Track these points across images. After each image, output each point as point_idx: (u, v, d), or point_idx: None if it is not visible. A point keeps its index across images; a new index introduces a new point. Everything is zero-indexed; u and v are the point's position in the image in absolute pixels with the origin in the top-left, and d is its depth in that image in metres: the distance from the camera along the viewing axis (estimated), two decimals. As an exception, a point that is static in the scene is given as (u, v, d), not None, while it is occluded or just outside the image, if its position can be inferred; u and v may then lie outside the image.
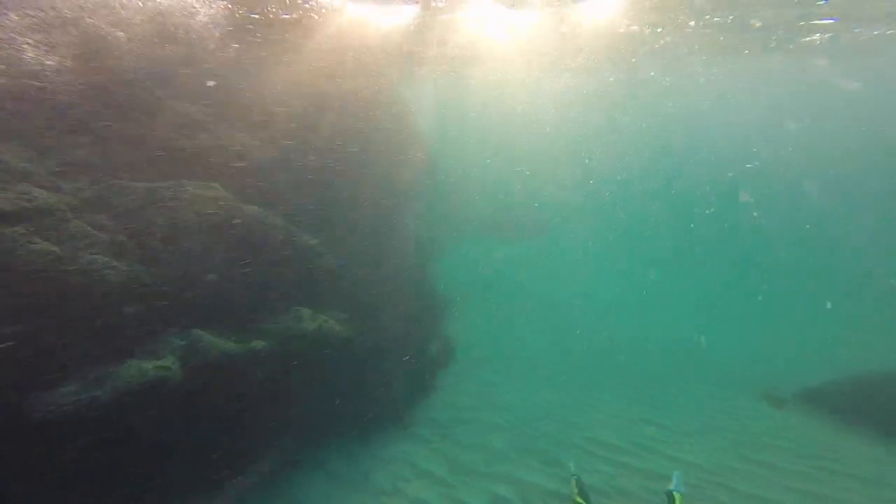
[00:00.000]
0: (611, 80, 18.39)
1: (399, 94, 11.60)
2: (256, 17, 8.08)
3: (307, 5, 8.02)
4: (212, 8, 7.25)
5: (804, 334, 15.22)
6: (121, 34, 5.76)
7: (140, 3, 6.08)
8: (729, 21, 10.45)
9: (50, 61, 4.66)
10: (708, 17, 10.07)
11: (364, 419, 7.32)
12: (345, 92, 9.44)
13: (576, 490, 5.11)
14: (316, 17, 8.40)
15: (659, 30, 10.76)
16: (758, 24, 10.95)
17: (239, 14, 7.86)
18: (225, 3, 7.41)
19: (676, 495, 4.82)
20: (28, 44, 4.49)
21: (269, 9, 7.97)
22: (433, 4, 8.82)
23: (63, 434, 3.52)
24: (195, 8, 6.96)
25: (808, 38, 12.27)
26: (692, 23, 10.49)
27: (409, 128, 12.28)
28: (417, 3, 8.64)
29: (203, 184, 4.92)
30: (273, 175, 6.53)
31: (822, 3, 9.62)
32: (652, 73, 18.11)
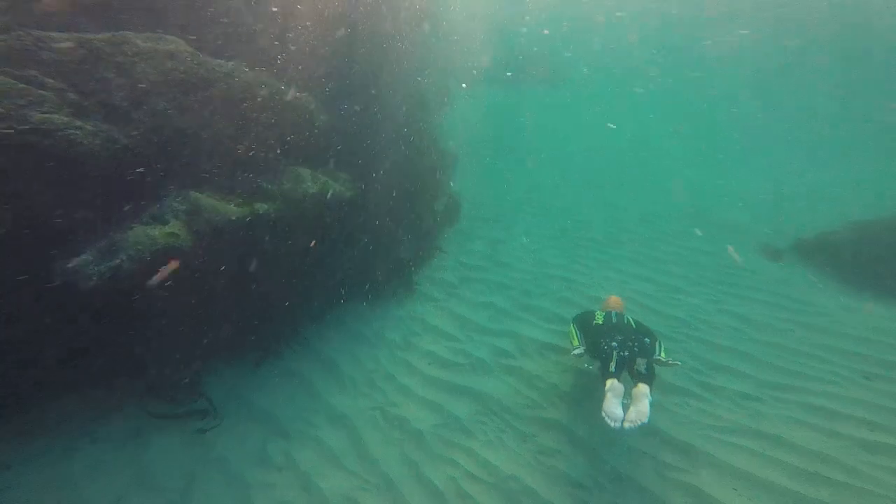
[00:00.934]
0: None
1: None
2: None
3: None
4: None
5: (811, 183, 15.14)
6: None
7: None
8: None
9: None
10: None
11: (374, 281, 7.55)
12: None
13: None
14: None
15: None
16: None
17: None
18: None
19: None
20: None
21: None
22: None
23: (82, 304, 3.52)
24: None
25: None
26: None
27: None
28: None
29: (154, 35, 4.02)
30: (242, 20, 5.42)
31: None
32: None
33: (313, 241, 6.07)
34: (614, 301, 6.52)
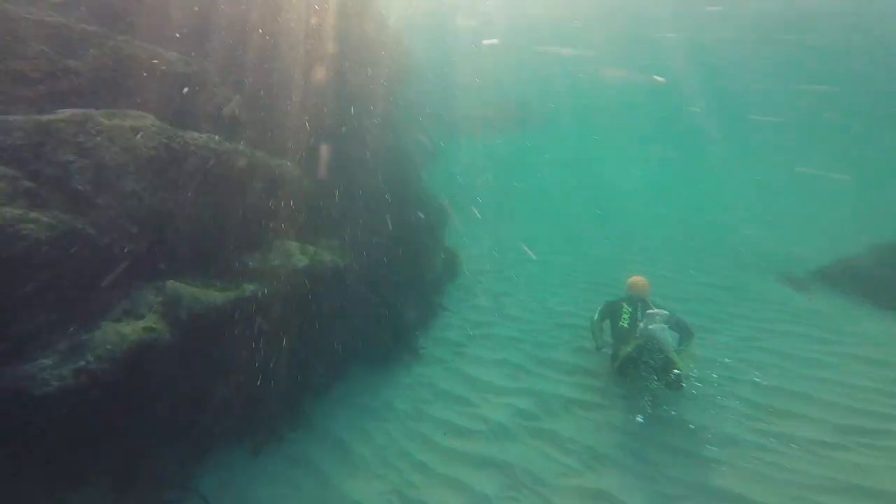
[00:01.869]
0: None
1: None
2: None
3: None
4: None
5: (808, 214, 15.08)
6: None
7: None
8: None
9: None
10: None
11: (377, 348, 7.05)
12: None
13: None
14: None
15: None
16: None
17: None
18: None
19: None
20: None
21: None
22: None
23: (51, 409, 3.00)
24: None
25: None
26: None
27: (379, 24, 10.38)
28: None
29: (118, 111, 3.77)
30: (215, 93, 5.27)
31: None
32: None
33: (308, 316, 5.63)
34: (640, 284, 6.43)
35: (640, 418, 5.39)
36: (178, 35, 5.56)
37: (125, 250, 3.64)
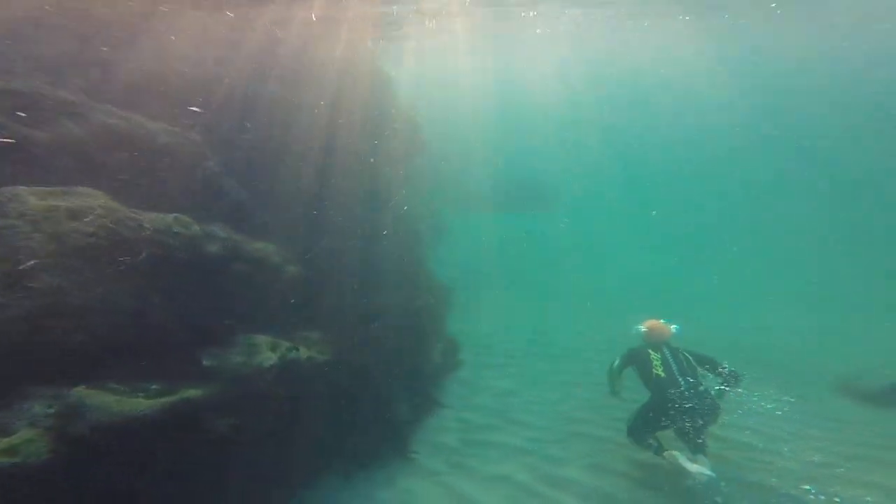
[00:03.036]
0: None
1: (372, 57, 9.91)
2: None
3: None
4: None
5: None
6: None
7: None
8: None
9: None
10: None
11: (358, 451, 6.15)
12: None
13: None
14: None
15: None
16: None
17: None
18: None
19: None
20: None
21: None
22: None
23: None
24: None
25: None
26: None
27: (388, 97, 10.67)
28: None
29: (59, 189, 3.44)
30: (193, 167, 5.03)
31: None
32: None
33: (275, 421, 4.90)
34: (658, 328, 6.13)
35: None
36: (174, 107, 5.51)
37: (18, 354, 3.10)
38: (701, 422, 5.25)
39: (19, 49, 4.44)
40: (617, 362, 6.16)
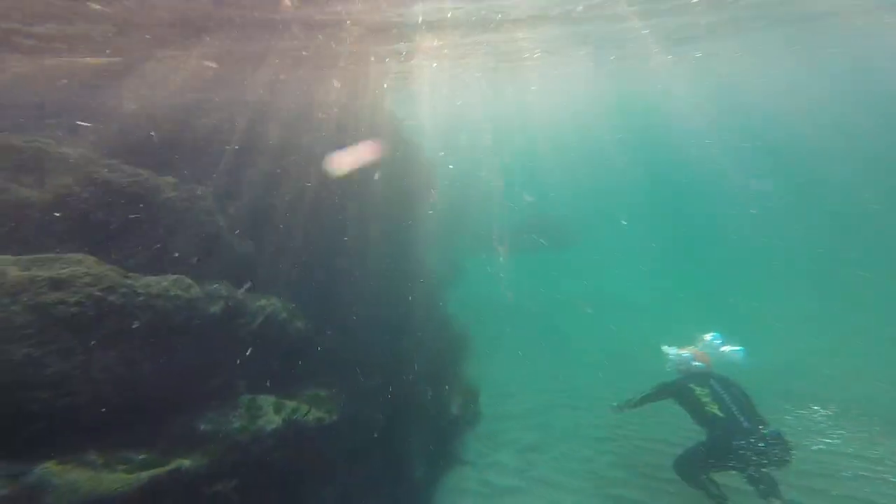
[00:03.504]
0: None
1: (382, 92, 10.02)
2: None
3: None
4: None
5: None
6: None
7: None
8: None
9: None
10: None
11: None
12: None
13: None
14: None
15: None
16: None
17: None
18: None
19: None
20: None
21: None
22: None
23: None
24: None
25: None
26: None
27: (399, 133, 10.73)
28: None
29: (46, 257, 3.30)
30: (198, 223, 4.92)
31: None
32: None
33: (280, 488, 4.53)
34: (700, 356, 5.74)
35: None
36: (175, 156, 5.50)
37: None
38: (769, 468, 4.85)
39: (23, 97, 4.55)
40: (648, 391, 5.72)
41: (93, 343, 3.24)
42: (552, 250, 22.77)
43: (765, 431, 4.77)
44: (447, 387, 7.96)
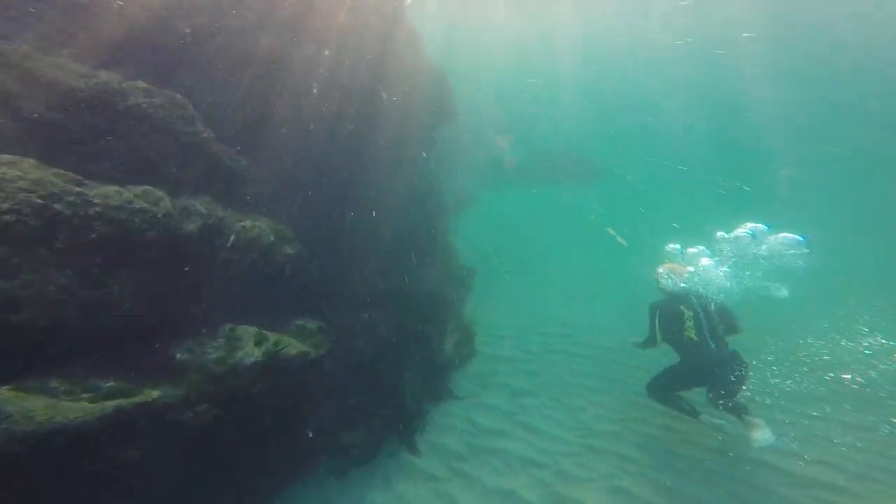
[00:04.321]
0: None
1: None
2: None
3: None
4: None
5: None
6: None
7: None
8: None
9: None
10: None
11: (356, 451, 5.77)
12: None
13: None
14: None
15: None
16: None
17: None
18: None
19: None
20: None
21: None
22: None
23: None
24: None
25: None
26: None
27: (417, 54, 9.64)
28: None
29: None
30: (176, 131, 4.33)
31: None
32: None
33: (258, 422, 4.48)
34: (678, 271, 5.98)
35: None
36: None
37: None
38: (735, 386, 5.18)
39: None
40: (657, 332, 5.87)
41: (39, 258, 2.90)
42: (578, 183, 21.77)
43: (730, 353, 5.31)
44: (444, 324, 7.84)
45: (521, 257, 14.59)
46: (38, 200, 2.83)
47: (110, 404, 3.16)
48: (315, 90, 6.23)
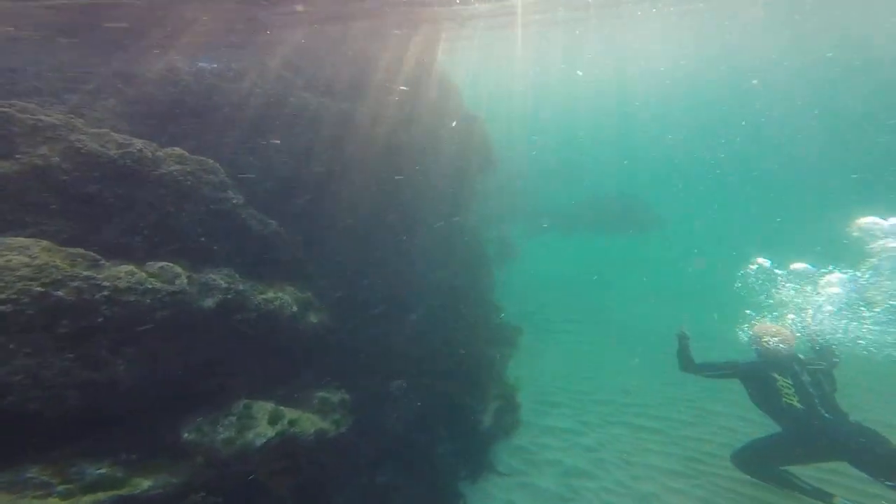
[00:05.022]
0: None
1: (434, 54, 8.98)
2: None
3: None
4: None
5: None
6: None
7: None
8: None
9: None
10: None
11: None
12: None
13: None
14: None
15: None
16: None
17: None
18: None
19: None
20: None
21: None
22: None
23: None
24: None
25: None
26: None
27: (456, 107, 9.70)
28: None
29: None
30: (207, 200, 4.35)
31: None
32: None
33: None
34: (785, 336, 5.25)
35: None
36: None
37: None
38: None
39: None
40: (714, 362, 5.50)
41: (38, 344, 2.81)
42: (632, 232, 20.66)
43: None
44: (483, 392, 7.20)
45: (577, 313, 13.57)
46: (38, 288, 2.79)
47: (86, 499, 2.89)
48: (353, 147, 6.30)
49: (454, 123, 9.14)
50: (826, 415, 4.65)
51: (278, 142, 5.74)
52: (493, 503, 5.87)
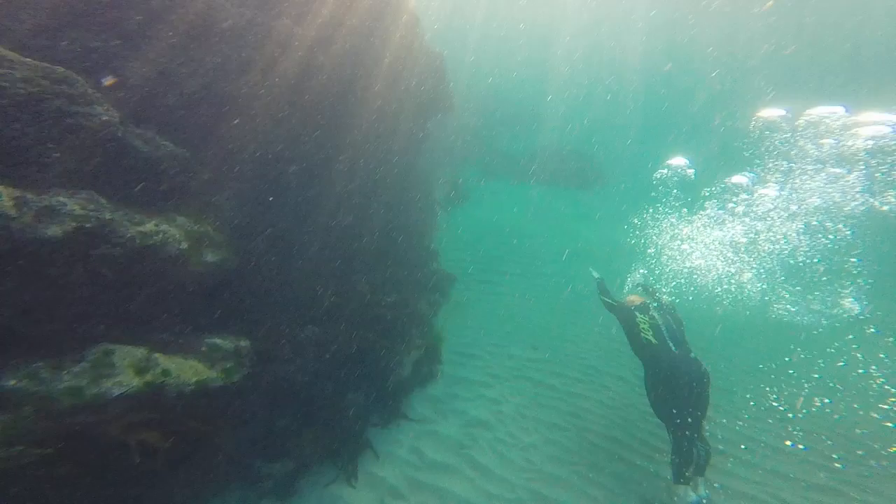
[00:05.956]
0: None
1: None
2: None
3: None
4: None
5: None
6: None
7: None
8: None
9: None
10: None
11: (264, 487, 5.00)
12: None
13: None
14: None
15: None
16: None
17: None
18: None
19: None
20: None
21: None
22: None
23: None
24: None
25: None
26: None
27: (412, 36, 8.55)
28: None
29: None
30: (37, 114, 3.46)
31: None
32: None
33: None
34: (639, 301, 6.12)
35: None
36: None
37: None
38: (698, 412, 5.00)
39: None
40: (613, 302, 6.35)
41: None
42: (577, 188, 20.61)
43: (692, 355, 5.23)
44: (406, 341, 6.98)
45: (513, 264, 13.55)
46: None
47: None
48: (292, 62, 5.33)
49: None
50: (673, 348, 5.28)
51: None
52: (399, 448, 5.89)
